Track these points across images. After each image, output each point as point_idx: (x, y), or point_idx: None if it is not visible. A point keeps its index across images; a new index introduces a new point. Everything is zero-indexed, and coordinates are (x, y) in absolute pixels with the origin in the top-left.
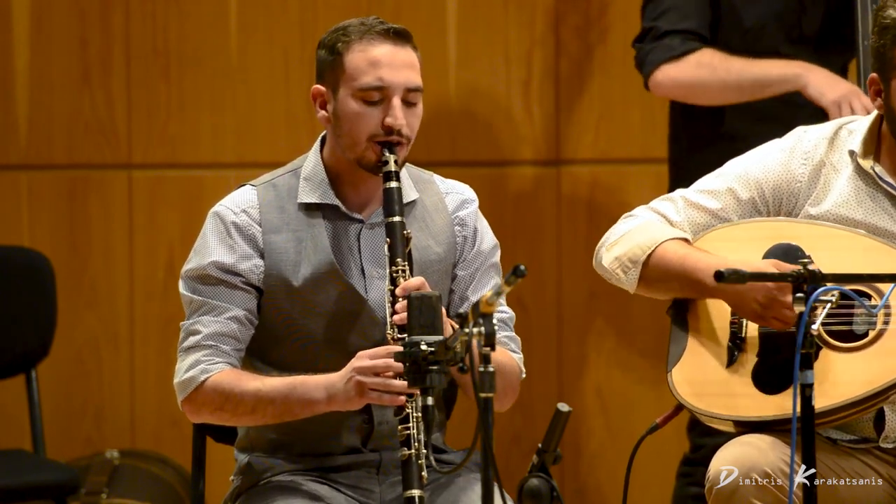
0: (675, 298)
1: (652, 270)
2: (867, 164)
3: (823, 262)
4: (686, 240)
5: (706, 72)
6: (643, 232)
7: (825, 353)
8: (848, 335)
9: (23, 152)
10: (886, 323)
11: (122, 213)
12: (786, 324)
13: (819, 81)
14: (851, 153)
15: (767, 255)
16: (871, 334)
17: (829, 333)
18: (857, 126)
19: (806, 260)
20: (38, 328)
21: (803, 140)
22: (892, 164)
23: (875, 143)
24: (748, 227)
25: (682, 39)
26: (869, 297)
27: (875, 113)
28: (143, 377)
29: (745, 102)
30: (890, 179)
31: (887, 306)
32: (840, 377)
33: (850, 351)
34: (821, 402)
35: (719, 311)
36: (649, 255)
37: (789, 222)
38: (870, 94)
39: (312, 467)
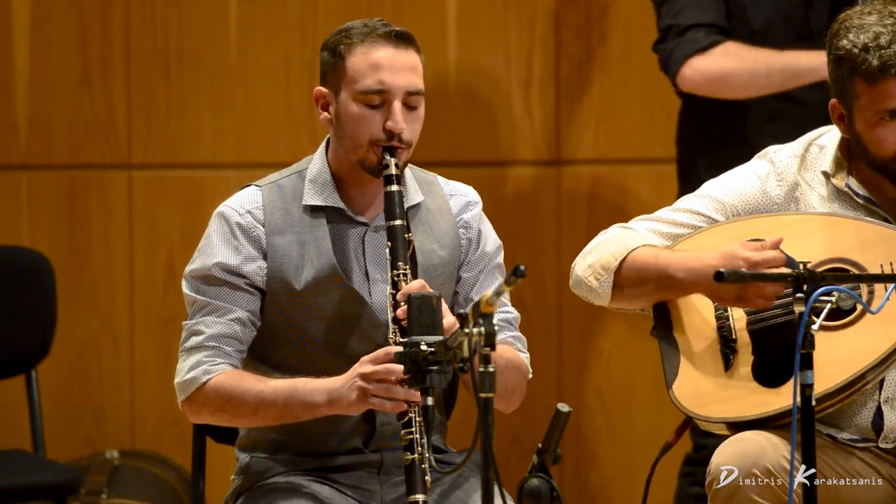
0: (655, 318)
1: (625, 276)
2: (840, 182)
3: (790, 250)
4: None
5: (734, 62)
6: (616, 241)
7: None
8: (832, 314)
9: (23, 152)
10: (871, 293)
11: (122, 213)
12: (767, 299)
13: None
14: (825, 174)
15: None
16: (858, 309)
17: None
18: (827, 141)
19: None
20: (38, 328)
21: (776, 162)
22: (865, 175)
23: (846, 158)
24: (714, 232)
25: (706, 32)
26: (847, 271)
27: None
28: (143, 377)
29: (752, 102)
30: (864, 192)
31: (870, 284)
32: (835, 356)
33: (837, 329)
34: (822, 384)
35: (702, 320)
36: (622, 262)
37: (749, 219)
38: (833, 118)
39: (313, 467)
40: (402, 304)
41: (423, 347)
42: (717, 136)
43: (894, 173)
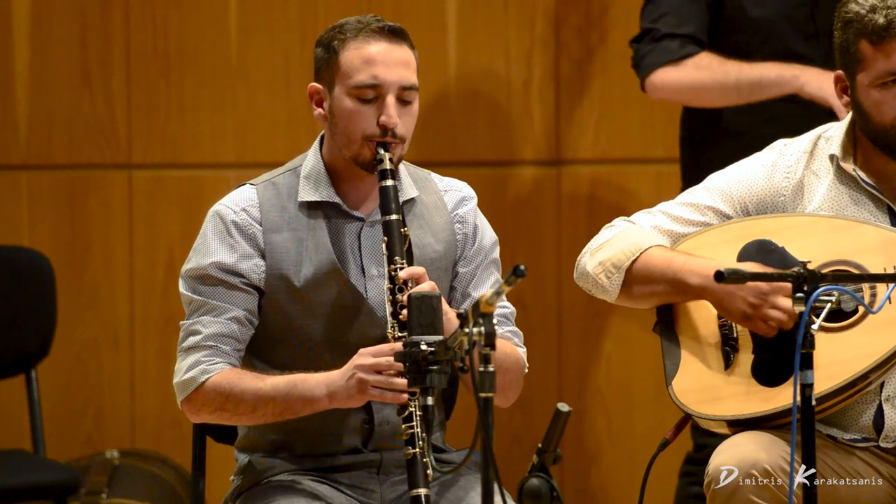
0: (658, 314)
1: (636, 275)
2: (848, 166)
3: (796, 251)
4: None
5: (704, 74)
6: (626, 238)
7: (818, 337)
8: (835, 315)
9: (23, 152)
10: (874, 296)
11: (122, 213)
12: (771, 327)
13: (814, 78)
14: (832, 157)
15: (741, 254)
16: (860, 311)
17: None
18: (833, 132)
19: (780, 249)
20: (38, 328)
21: (785, 154)
22: (870, 165)
23: (853, 146)
24: (719, 231)
25: (681, 43)
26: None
27: (850, 116)
28: (143, 377)
29: (753, 104)
30: (870, 180)
31: (872, 286)
32: (837, 356)
33: (840, 330)
34: (823, 384)
35: (705, 318)
36: (634, 261)
37: (756, 219)
38: (836, 91)
39: (313, 467)
40: (400, 295)
41: (423, 347)
42: (718, 137)
43: (894, 145)
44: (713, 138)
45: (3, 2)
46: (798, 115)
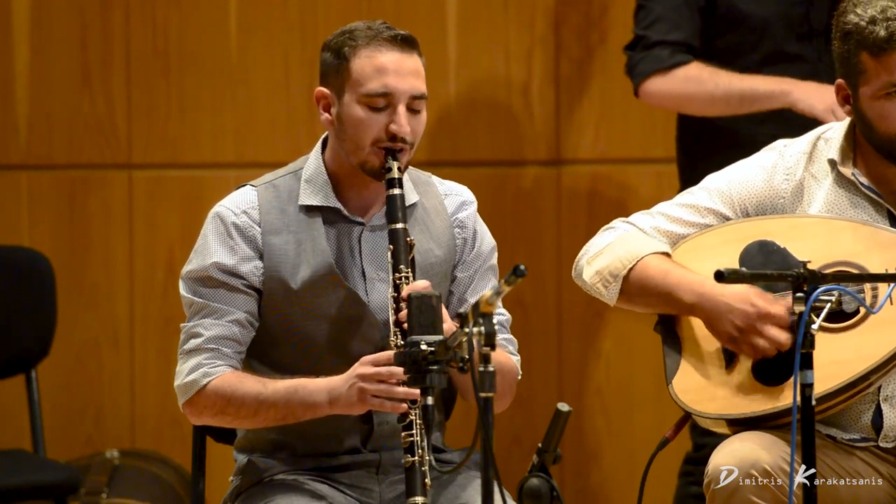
0: (659, 314)
1: (633, 285)
2: (847, 170)
3: (797, 252)
4: (667, 254)
5: (694, 86)
6: (623, 245)
7: (819, 337)
8: (836, 316)
9: (23, 152)
10: (875, 297)
11: (122, 213)
12: (756, 353)
13: (806, 95)
14: (831, 162)
15: (743, 255)
16: (861, 312)
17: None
18: (832, 134)
19: (782, 249)
20: (38, 328)
21: (784, 156)
22: (870, 168)
23: (852, 149)
24: (719, 233)
25: (671, 51)
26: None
27: (849, 119)
28: (143, 377)
29: None
30: (869, 184)
31: (874, 287)
32: (837, 357)
33: (841, 331)
34: (823, 384)
35: None
36: (630, 270)
37: (756, 220)
38: (837, 100)
39: (312, 467)
40: (405, 304)
41: (423, 347)
42: (715, 139)
43: None
44: (710, 138)
45: (3, 2)
46: (795, 115)
